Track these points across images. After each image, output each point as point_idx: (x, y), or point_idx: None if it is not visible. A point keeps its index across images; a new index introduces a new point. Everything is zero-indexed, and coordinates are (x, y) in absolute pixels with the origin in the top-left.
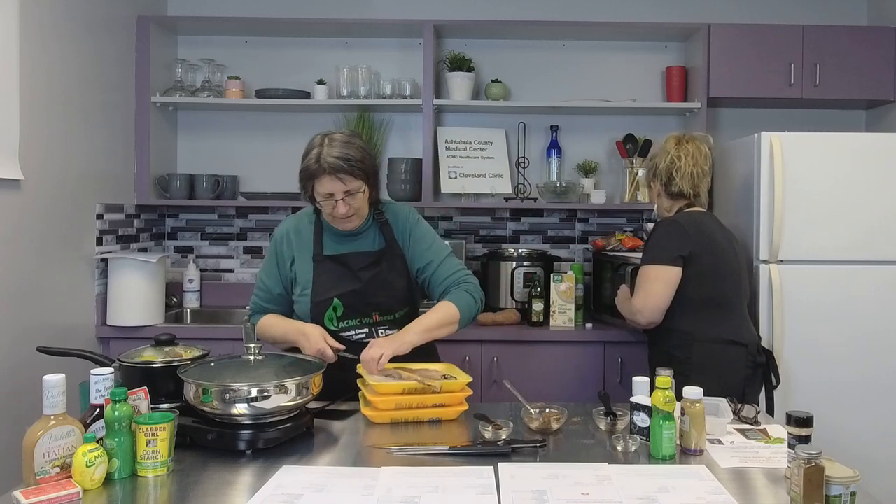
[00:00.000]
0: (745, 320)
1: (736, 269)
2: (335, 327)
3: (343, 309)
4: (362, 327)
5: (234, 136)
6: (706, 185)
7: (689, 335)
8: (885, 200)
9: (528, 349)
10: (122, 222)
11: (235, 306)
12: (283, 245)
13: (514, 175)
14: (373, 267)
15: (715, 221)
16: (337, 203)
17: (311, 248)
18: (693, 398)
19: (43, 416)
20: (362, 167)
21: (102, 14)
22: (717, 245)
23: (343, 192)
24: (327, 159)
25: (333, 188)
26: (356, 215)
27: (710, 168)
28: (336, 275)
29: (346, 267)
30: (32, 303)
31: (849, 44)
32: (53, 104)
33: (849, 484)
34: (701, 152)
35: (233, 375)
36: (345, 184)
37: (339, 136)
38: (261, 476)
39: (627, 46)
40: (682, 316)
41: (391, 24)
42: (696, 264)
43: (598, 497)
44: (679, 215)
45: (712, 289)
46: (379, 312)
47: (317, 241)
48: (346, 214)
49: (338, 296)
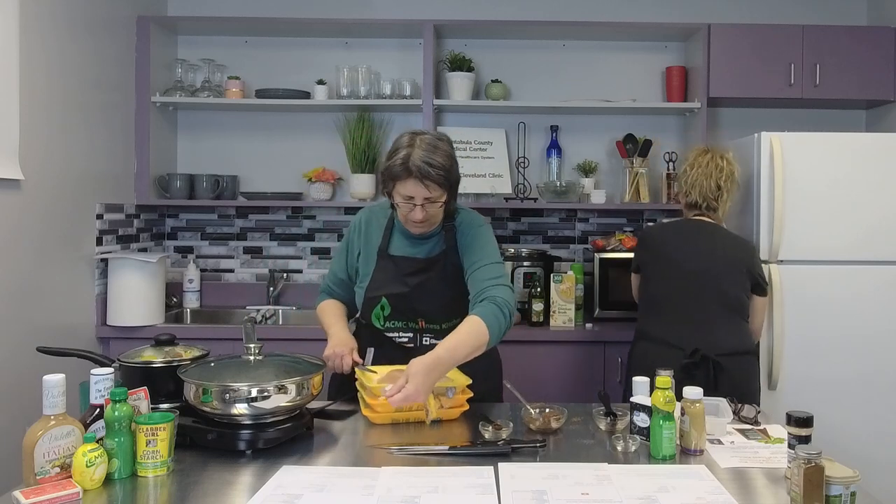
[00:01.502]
0: (688, 324)
1: (690, 275)
2: (381, 326)
3: (390, 310)
4: (407, 331)
5: (234, 136)
6: (725, 199)
7: (636, 332)
8: (885, 200)
9: (528, 349)
10: (122, 222)
11: (235, 306)
12: (354, 234)
13: (514, 175)
14: (421, 273)
15: (698, 230)
16: (415, 208)
17: (379, 242)
18: (693, 398)
19: (43, 416)
20: (447, 177)
21: (102, 14)
22: (670, 250)
23: (424, 199)
24: (416, 162)
25: (416, 192)
26: (429, 222)
27: (728, 182)
28: (390, 275)
29: (398, 269)
30: (32, 303)
31: (849, 44)
32: (53, 104)
33: (849, 484)
34: (717, 166)
35: (233, 375)
36: (428, 190)
37: (429, 137)
38: (261, 476)
39: (627, 46)
40: (639, 316)
41: (391, 24)
42: (645, 268)
43: (598, 497)
44: (654, 224)
45: (654, 290)
46: (425, 320)
47: (385, 235)
48: (421, 220)
49: (386, 295)
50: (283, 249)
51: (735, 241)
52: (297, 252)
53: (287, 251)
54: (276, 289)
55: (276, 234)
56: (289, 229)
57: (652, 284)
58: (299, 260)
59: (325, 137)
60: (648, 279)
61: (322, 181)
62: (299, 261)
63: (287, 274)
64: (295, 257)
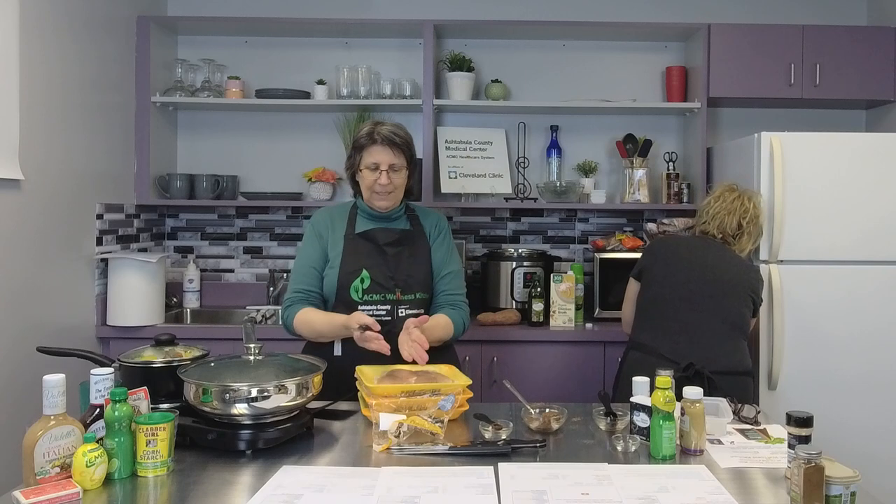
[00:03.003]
0: (684, 337)
1: (693, 288)
2: (359, 299)
3: (370, 282)
4: (385, 304)
5: (234, 136)
6: (745, 239)
7: (630, 341)
8: (885, 200)
9: (528, 349)
10: (122, 222)
11: (235, 306)
12: (319, 226)
13: (514, 175)
14: (398, 244)
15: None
16: (381, 174)
17: (344, 229)
18: (693, 398)
19: (43, 416)
20: (408, 147)
21: (102, 14)
22: (677, 260)
23: (388, 164)
24: (381, 132)
25: (382, 158)
26: (393, 194)
27: (751, 225)
28: (365, 249)
29: (374, 242)
30: (32, 303)
31: (849, 44)
32: (53, 104)
33: (849, 484)
34: (742, 206)
35: (233, 375)
36: (394, 156)
37: (391, 122)
38: (261, 476)
39: (627, 46)
40: (633, 325)
41: (391, 24)
42: (648, 275)
43: (598, 497)
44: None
45: (654, 298)
46: (401, 290)
47: (350, 223)
48: (386, 186)
49: (367, 267)
50: (283, 249)
51: (741, 262)
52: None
53: (287, 251)
54: (276, 289)
55: (276, 234)
56: (289, 229)
57: (652, 292)
58: None
59: (325, 137)
60: (649, 286)
61: (322, 181)
62: None
63: (287, 274)
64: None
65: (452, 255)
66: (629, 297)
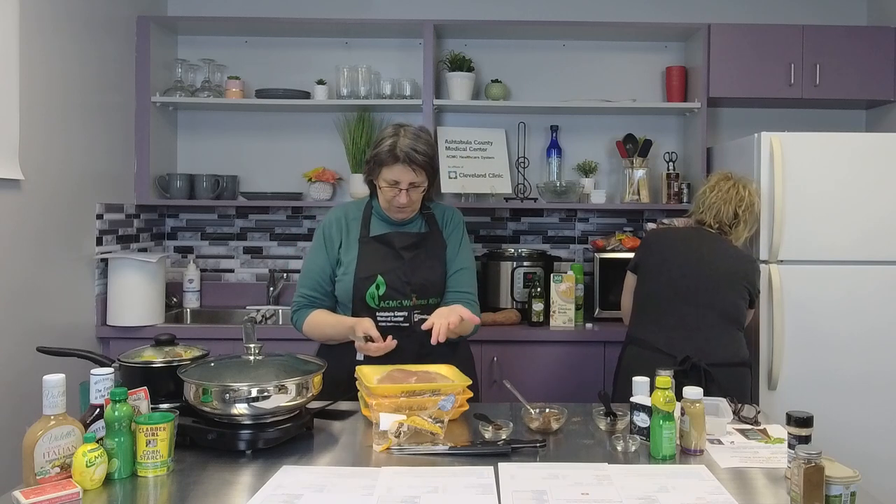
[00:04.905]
0: (681, 331)
1: (688, 281)
2: (375, 305)
3: (385, 288)
4: (401, 310)
5: (234, 136)
6: (741, 228)
7: (627, 336)
8: (885, 200)
9: (528, 349)
10: (122, 222)
11: (235, 306)
12: (332, 229)
13: (514, 175)
14: (415, 248)
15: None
16: (400, 192)
17: (359, 232)
18: (693, 398)
19: (43, 416)
20: (431, 163)
21: (102, 14)
22: (672, 253)
23: (409, 183)
24: (403, 149)
25: (402, 177)
26: (411, 208)
27: (747, 213)
28: (381, 254)
29: (390, 246)
30: (32, 303)
31: (849, 44)
32: (53, 104)
33: (849, 484)
34: (738, 195)
35: (233, 375)
36: (415, 175)
37: (413, 128)
38: (261, 476)
39: (627, 46)
40: (631, 319)
41: (391, 24)
42: (644, 268)
43: (598, 497)
44: (660, 227)
45: (649, 292)
46: (417, 295)
47: (364, 224)
48: (405, 205)
49: (382, 273)
50: (283, 249)
51: (738, 252)
52: (297, 252)
53: (287, 251)
54: (276, 289)
55: (276, 234)
56: (289, 229)
57: (648, 286)
58: (299, 260)
59: (325, 137)
60: (645, 280)
61: (322, 181)
62: (299, 261)
63: (287, 274)
64: (295, 257)
65: (463, 251)
66: (627, 288)
